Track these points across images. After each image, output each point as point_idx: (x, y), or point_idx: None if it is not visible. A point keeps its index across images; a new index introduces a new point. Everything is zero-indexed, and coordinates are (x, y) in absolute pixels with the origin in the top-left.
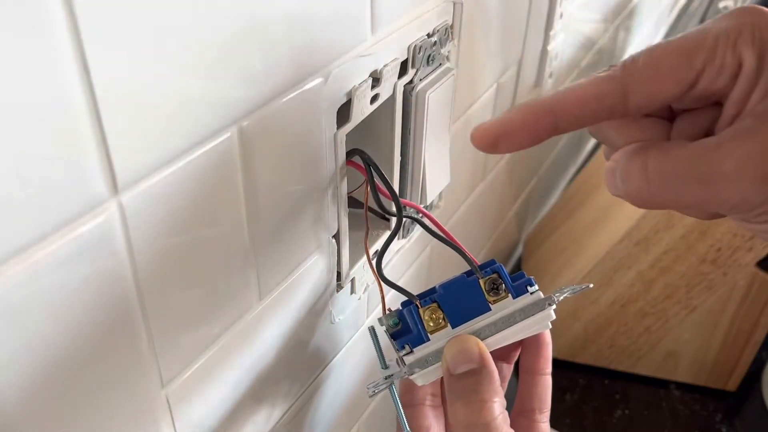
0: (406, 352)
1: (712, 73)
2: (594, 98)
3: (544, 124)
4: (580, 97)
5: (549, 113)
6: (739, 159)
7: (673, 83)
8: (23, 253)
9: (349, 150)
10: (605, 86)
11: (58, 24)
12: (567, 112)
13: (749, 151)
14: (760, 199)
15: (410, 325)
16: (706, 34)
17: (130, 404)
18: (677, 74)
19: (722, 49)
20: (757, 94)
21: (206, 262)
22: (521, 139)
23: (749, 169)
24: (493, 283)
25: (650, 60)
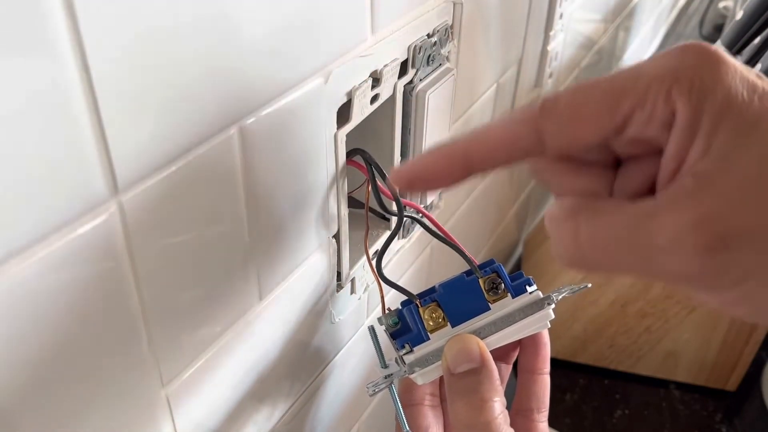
0: (405, 351)
1: (642, 120)
2: (508, 142)
3: (457, 168)
4: (493, 140)
5: (462, 157)
6: (676, 230)
7: (595, 128)
8: (23, 253)
9: (350, 149)
10: (520, 129)
11: (58, 24)
12: (480, 156)
13: (687, 221)
14: (701, 271)
15: (410, 324)
16: (640, 75)
17: (131, 404)
18: (600, 120)
19: (653, 96)
20: (695, 149)
21: (206, 262)
22: (436, 182)
23: (686, 242)
24: (492, 283)
25: (572, 102)
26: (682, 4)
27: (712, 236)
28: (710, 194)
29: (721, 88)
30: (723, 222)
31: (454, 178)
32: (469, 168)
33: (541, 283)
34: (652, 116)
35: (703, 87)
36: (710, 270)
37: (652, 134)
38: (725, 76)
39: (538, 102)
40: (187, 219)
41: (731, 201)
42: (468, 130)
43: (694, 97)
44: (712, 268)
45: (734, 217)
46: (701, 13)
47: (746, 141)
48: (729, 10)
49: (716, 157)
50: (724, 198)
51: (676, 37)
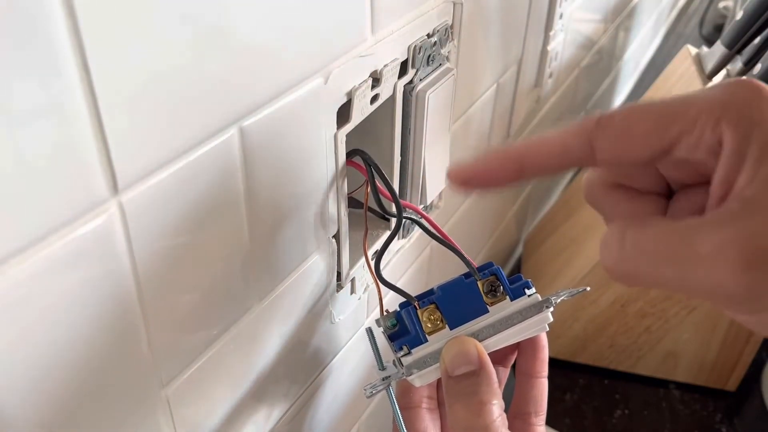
0: (404, 353)
1: (689, 145)
2: (561, 150)
3: (511, 171)
4: (548, 147)
5: (515, 162)
6: (718, 242)
7: (644, 146)
8: (23, 253)
9: (349, 150)
10: (573, 140)
11: (58, 24)
12: (533, 163)
13: (729, 236)
14: (737, 288)
15: (408, 326)
16: (691, 104)
17: (130, 405)
18: (649, 139)
19: (702, 124)
20: (743, 176)
21: (206, 262)
22: (489, 182)
23: (727, 255)
24: (491, 285)
25: (626, 120)
26: (682, 4)
27: (754, 253)
28: (755, 216)
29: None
30: (761, 242)
31: (507, 180)
32: (522, 172)
33: (541, 283)
34: (699, 142)
35: (752, 119)
36: (749, 287)
37: (699, 159)
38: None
39: (595, 116)
40: (187, 219)
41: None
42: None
43: (741, 128)
44: (751, 285)
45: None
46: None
47: None
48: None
49: (763, 183)
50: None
51: (676, 37)
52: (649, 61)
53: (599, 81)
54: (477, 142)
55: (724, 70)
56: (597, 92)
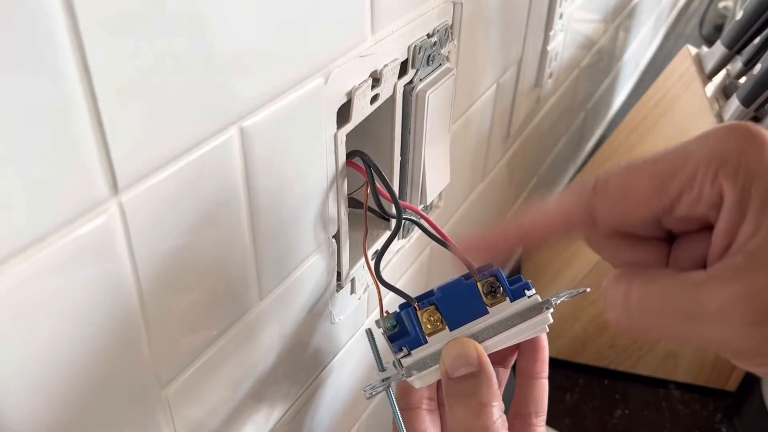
0: (403, 354)
1: (689, 201)
2: (562, 224)
3: (513, 244)
4: (547, 222)
5: (518, 239)
6: (725, 300)
7: (644, 209)
8: (23, 253)
9: (349, 151)
10: (572, 210)
11: (58, 24)
12: (534, 237)
13: (736, 293)
14: (746, 344)
15: (408, 327)
16: (687, 158)
17: (130, 405)
18: (648, 201)
19: (701, 179)
20: (746, 229)
21: (207, 262)
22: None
23: (735, 312)
24: (490, 287)
25: (622, 184)
26: (682, 4)
27: (762, 310)
28: (761, 271)
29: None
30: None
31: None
32: (525, 243)
33: (541, 283)
34: (699, 198)
35: (749, 169)
36: (758, 343)
37: (701, 214)
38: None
39: (591, 182)
40: (187, 219)
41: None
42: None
43: (740, 180)
44: (760, 341)
45: None
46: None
47: None
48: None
49: (766, 236)
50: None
51: (676, 37)
52: (649, 61)
53: (599, 81)
54: (477, 142)
55: (724, 70)
56: (597, 92)
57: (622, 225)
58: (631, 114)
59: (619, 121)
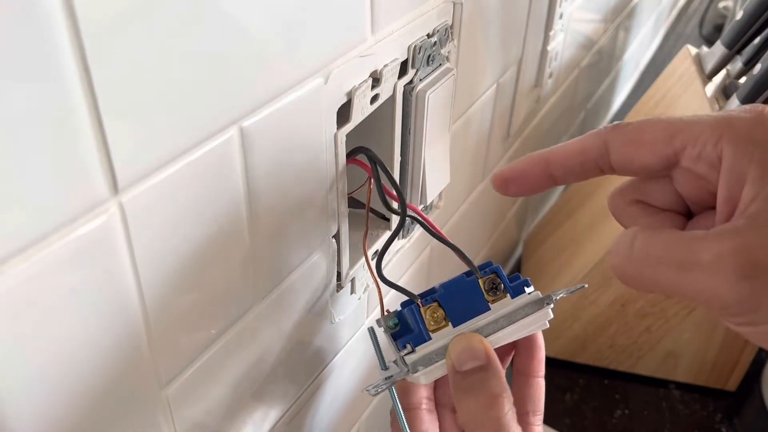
0: (407, 351)
1: (692, 156)
2: (579, 151)
3: (540, 174)
4: (569, 149)
5: (542, 163)
6: (718, 252)
7: (651, 153)
8: (23, 253)
9: (353, 148)
10: (590, 142)
11: (59, 25)
12: (557, 163)
13: (730, 246)
14: (735, 297)
15: (411, 324)
16: (699, 121)
17: (130, 404)
18: (655, 146)
19: (704, 138)
20: (746, 194)
21: (207, 262)
22: (525, 185)
23: (726, 264)
24: (492, 283)
25: (637, 128)
26: (682, 4)
27: (750, 264)
28: (757, 231)
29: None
30: (759, 255)
31: (539, 182)
32: (550, 174)
33: (541, 283)
34: (701, 155)
35: (752, 138)
36: (744, 297)
37: (702, 172)
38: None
39: (613, 124)
40: (188, 219)
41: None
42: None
43: (741, 146)
44: (746, 295)
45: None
46: (701, 13)
47: None
48: (729, 10)
49: (763, 202)
50: (764, 235)
51: (676, 37)
52: (649, 61)
53: (599, 81)
54: (477, 142)
55: (724, 70)
56: (597, 92)
57: (632, 164)
58: (631, 114)
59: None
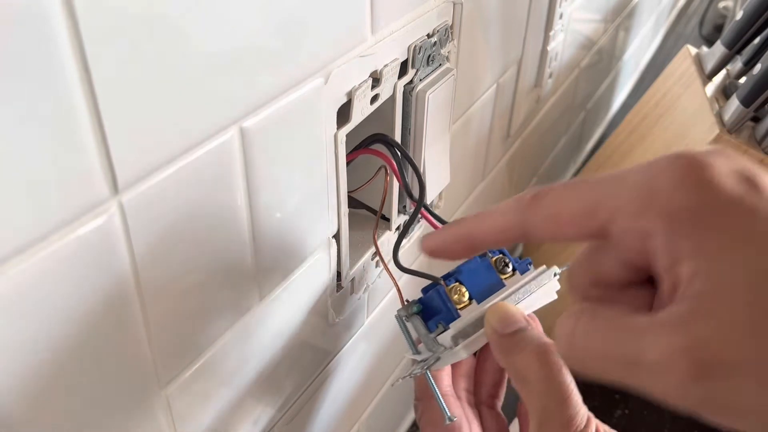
0: (440, 331)
1: (619, 229)
2: (500, 231)
3: (463, 249)
4: (488, 228)
5: (466, 239)
6: (665, 350)
7: (573, 229)
8: (23, 253)
9: (368, 137)
10: (509, 221)
11: (58, 25)
12: (480, 240)
13: (678, 343)
14: (686, 399)
15: (438, 305)
16: (620, 186)
17: (130, 404)
18: (576, 222)
19: (627, 211)
20: (685, 271)
21: (207, 262)
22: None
23: (675, 365)
24: (501, 262)
25: (555, 203)
26: (682, 4)
27: (702, 364)
28: (703, 320)
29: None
30: (712, 351)
31: (463, 255)
32: (473, 247)
33: None
34: (627, 228)
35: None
36: (698, 398)
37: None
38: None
39: (530, 194)
40: (188, 219)
41: (721, 329)
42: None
43: (667, 217)
44: (700, 396)
45: (724, 347)
46: (701, 13)
47: (734, 258)
48: (729, 10)
49: (705, 281)
50: (714, 326)
51: (676, 37)
52: (649, 61)
53: (599, 81)
54: (477, 142)
55: (724, 70)
56: (597, 92)
57: (554, 241)
58: (631, 114)
59: (619, 121)
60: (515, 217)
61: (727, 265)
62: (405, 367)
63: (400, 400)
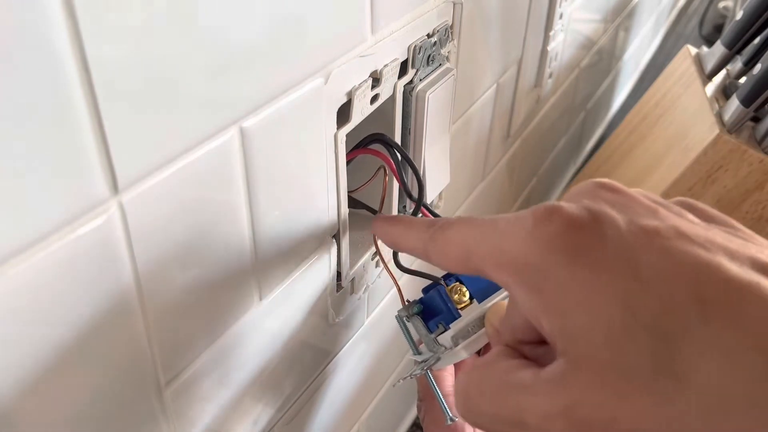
0: (440, 331)
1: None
2: (411, 248)
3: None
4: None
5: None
6: (544, 414)
7: (460, 269)
8: (23, 253)
9: (366, 136)
10: (417, 244)
11: (58, 23)
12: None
13: (556, 405)
14: None
15: (439, 305)
16: (491, 232)
17: (130, 404)
18: (458, 264)
19: (488, 265)
20: (546, 329)
21: (207, 263)
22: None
23: (554, 427)
24: None
25: (446, 240)
26: (682, 4)
27: (579, 425)
28: (572, 380)
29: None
30: (585, 411)
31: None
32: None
33: None
34: (494, 280)
35: (526, 264)
36: None
37: None
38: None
39: (439, 223)
40: (188, 219)
41: (590, 389)
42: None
43: (516, 276)
44: None
45: (596, 408)
46: (701, 13)
47: (584, 313)
48: (729, 10)
49: (565, 340)
50: (584, 386)
51: (676, 37)
52: (649, 61)
53: (599, 81)
54: (477, 142)
55: (724, 70)
56: (597, 92)
57: (447, 269)
58: (631, 114)
59: (619, 121)
60: (421, 244)
61: (579, 321)
62: (406, 367)
63: (401, 400)
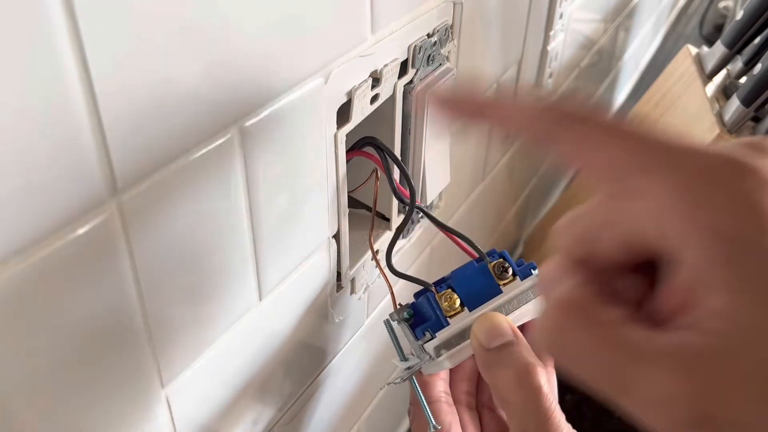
0: (427, 339)
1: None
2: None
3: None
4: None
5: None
6: (662, 392)
7: None
8: (23, 253)
9: (359, 139)
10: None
11: (58, 23)
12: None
13: (681, 388)
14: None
15: (428, 312)
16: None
17: (130, 404)
18: None
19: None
20: (714, 302)
21: (206, 263)
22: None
23: (672, 410)
24: (500, 267)
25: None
26: (682, 4)
27: (699, 417)
28: (712, 371)
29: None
30: (715, 407)
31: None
32: (482, 118)
33: None
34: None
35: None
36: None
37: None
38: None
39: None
40: (187, 219)
41: (733, 387)
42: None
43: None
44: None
45: (728, 408)
46: (701, 13)
47: None
48: (729, 10)
49: (733, 325)
50: (727, 380)
51: (676, 37)
52: (649, 61)
53: (599, 81)
54: (477, 142)
55: (725, 70)
56: (597, 92)
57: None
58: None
59: None
60: (544, 126)
61: (759, 312)
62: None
63: (401, 400)
